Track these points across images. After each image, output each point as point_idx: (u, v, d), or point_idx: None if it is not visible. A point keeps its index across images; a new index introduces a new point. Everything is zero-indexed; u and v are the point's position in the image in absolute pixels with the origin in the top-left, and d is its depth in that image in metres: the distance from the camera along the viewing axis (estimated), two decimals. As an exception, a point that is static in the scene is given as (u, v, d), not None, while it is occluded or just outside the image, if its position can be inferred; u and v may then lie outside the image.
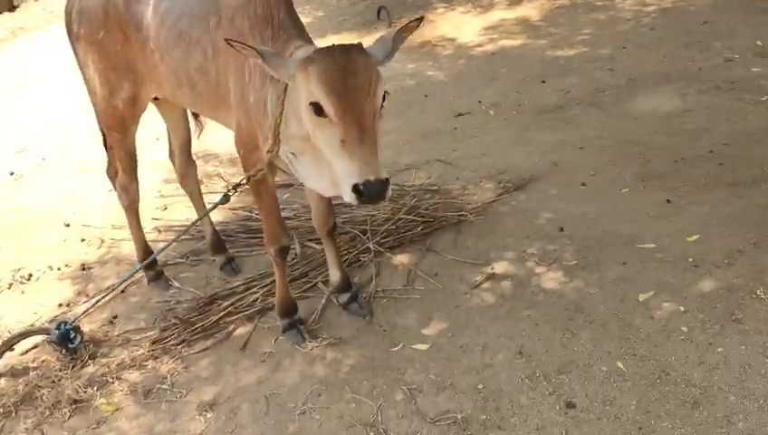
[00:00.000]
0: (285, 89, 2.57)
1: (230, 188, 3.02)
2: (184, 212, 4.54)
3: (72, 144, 5.92)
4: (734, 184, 4.01)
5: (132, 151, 3.56)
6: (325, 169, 2.50)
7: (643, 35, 6.71)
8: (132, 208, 3.74)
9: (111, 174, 3.75)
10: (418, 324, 3.29)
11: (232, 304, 3.55)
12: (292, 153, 2.72)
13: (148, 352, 3.33)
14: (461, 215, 4.04)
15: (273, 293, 3.50)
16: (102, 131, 3.62)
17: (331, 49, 2.33)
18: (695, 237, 3.57)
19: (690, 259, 3.41)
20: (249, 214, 4.32)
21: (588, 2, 7.83)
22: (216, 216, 4.02)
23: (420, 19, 2.48)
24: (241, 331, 3.42)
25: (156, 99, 3.44)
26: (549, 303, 3.29)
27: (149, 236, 4.02)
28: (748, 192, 3.90)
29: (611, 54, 6.35)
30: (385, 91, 2.34)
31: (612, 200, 4.09)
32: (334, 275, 3.43)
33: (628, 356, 2.91)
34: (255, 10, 2.73)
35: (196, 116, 3.73)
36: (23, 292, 3.97)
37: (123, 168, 3.59)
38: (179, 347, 3.35)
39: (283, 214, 3.51)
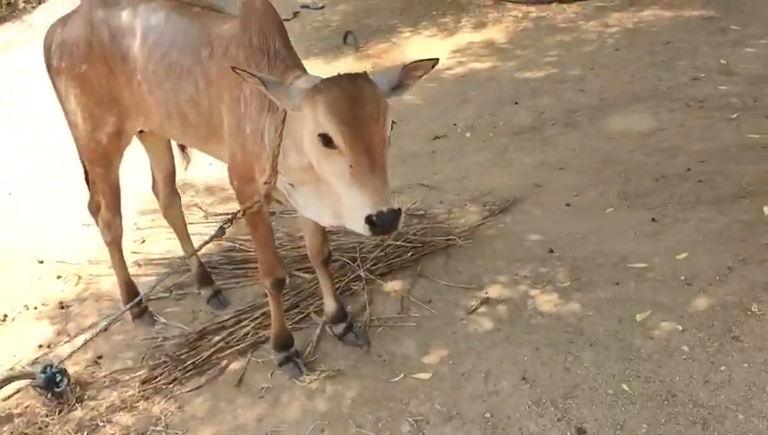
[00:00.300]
0: (284, 119, 2.52)
1: (226, 220, 2.94)
2: (163, 244, 4.43)
3: (38, 177, 5.74)
4: (715, 201, 4.06)
5: (116, 186, 3.45)
6: (326, 200, 2.46)
7: (609, 56, 6.83)
8: (115, 244, 3.62)
9: (93, 209, 3.62)
10: (418, 353, 3.24)
11: (223, 339, 3.45)
12: (291, 184, 2.67)
13: (139, 392, 3.22)
14: (449, 239, 4.02)
15: (265, 325, 3.43)
16: (84, 166, 3.51)
17: (338, 79, 2.28)
18: (684, 255, 3.59)
19: (682, 277, 3.43)
20: (233, 245, 4.23)
21: (552, 24, 7.95)
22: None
23: (436, 60, 2.40)
24: (234, 366, 3.32)
25: (141, 131, 3.35)
26: (547, 326, 3.28)
27: (129, 271, 3.90)
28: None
29: (580, 75, 6.44)
30: (393, 121, 2.31)
31: (598, 220, 4.11)
32: (329, 305, 3.37)
33: (633, 378, 2.90)
34: (251, 40, 2.68)
35: (182, 148, 3.65)
36: (-2, 334, 3.82)
37: (106, 203, 3.48)
38: (171, 386, 3.24)
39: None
